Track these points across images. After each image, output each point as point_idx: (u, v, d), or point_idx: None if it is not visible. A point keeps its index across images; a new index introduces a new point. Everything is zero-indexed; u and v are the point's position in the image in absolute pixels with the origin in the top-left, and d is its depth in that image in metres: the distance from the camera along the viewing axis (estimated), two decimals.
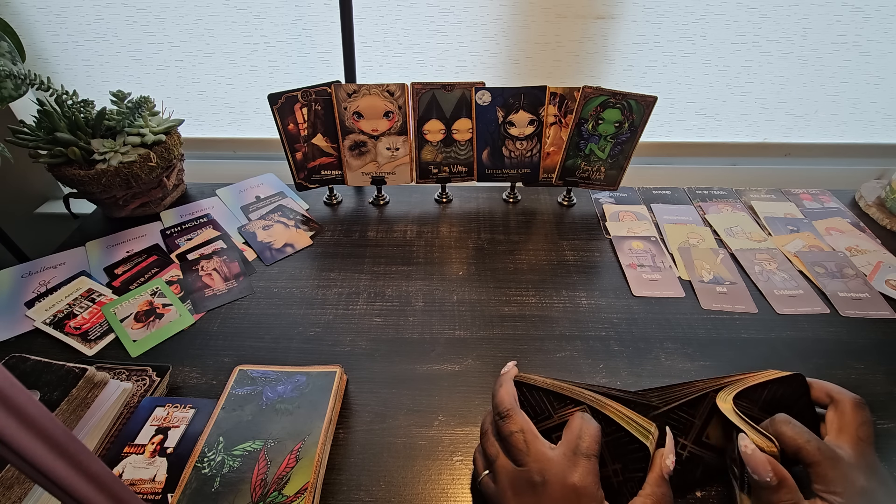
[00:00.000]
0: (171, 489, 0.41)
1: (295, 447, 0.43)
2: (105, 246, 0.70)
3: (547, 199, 0.81)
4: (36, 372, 0.45)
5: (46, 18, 0.84)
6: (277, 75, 0.90)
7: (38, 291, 0.62)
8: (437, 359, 0.55)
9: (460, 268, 0.67)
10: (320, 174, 0.75)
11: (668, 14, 0.82)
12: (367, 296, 0.63)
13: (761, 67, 0.87)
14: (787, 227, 0.74)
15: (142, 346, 0.56)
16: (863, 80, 0.88)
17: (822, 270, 0.65)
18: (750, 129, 0.95)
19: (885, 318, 0.59)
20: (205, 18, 0.84)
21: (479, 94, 0.69)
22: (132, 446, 0.44)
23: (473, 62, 0.88)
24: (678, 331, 0.58)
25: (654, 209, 0.78)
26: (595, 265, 0.68)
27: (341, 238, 0.72)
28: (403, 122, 0.71)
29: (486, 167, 0.76)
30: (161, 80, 0.91)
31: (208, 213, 0.76)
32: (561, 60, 0.87)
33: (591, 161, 0.73)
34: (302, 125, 0.70)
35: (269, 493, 0.40)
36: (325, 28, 0.84)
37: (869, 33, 0.83)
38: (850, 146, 0.96)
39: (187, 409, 0.47)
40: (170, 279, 0.64)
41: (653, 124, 0.69)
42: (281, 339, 0.57)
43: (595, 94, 0.67)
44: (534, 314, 0.60)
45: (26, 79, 0.61)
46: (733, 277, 0.65)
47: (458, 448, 0.46)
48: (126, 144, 0.69)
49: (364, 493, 0.43)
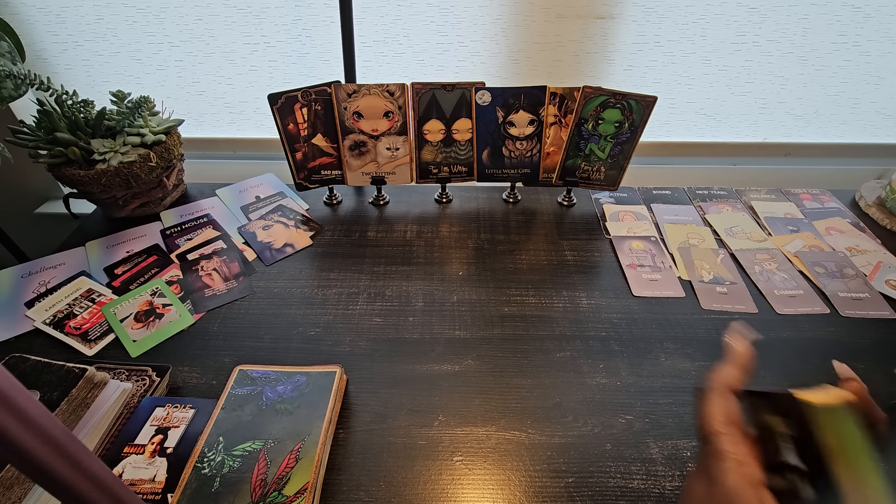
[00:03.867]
0: (170, 489, 0.41)
1: (295, 447, 0.43)
2: (105, 246, 0.70)
3: (547, 199, 0.81)
4: (36, 372, 0.45)
5: (46, 18, 0.84)
6: (277, 75, 0.90)
7: (38, 291, 0.62)
8: (437, 359, 0.55)
9: (460, 268, 0.67)
10: (320, 174, 0.75)
11: (668, 14, 0.82)
12: (367, 296, 0.63)
13: (761, 67, 0.87)
14: (787, 227, 0.74)
15: (142, 346, 0.56)
16: (863, 80, 0.88)
17: (822, 270, 0.65)
18: (750, 129, 0.95)
19: (885, 318, 0.59)
20: (205, 18, 0.84)
21: (479, 94, 0.69)
22: (132, 446, 0.44)
23: (473, 62, 0.88)
24: (678, 331, 0.58)
25: (654, 209, 0.78)
26: (595, 265, 0.68)
27: (341, 238, 0.72)
28: (403, 122, 0.71)
29: (486, 167, 0.75)
30: (161, 80, 0.91)
31: (208, 213, 0.76)
32: (561, 60, 0.87)
33: (591, 161, 0.73)
34: (302, 125, 0.70)
35: (269, 494, 0.40)
36: (325, 28, 0.84)
37: (869, 33, 0.83)
38: (850, 146, 0.96)
39: (187, 409, 0.47)
40: (170, 279, 0.64)
41: (653, 124, 0.69)
42: (281, 339, 0.57)
43: (595, 94, 0.67)
44: (534, 314, 0.60)
45: (26, 79, 0.61)
46: (733, 277, 0.65)
47: (458, 448, 0.46)
48: (126, 144, 0.69)
49: (364, 493, 0.43)
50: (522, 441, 0.47)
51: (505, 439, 0.47)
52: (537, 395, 0.51)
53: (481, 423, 0.48)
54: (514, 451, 0.46)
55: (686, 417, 0.49)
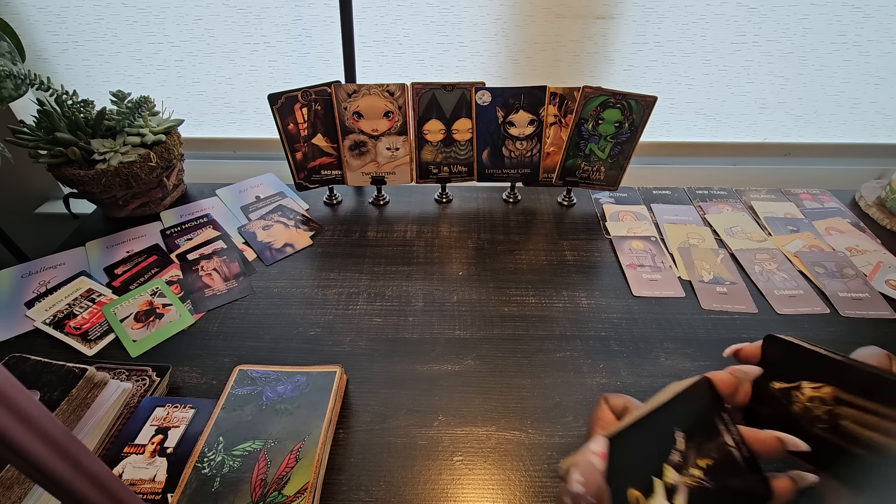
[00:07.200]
0: (170, 489, 0.41)
1: (295, 447, 0.43)
2: (105, 246, 0.70)
3: (547, 199, 0.81)
4: (36, 372, 0.45)
5: (46, 18, 0.84)
6: (277, 75, 0.90)
7: (38, 291, 0.62)
8: (437, 359, 0.55)
9: (460, 268, 0.67)
10: (320, 174, 0.75)
11: (668, 14, 0.82)
12: (367, 296, 0.63)
13: (761, 67, 0.87)
14: (787, 227, 0.74)
15: (142, 346, 0.56)
16: (863, 80, 0.88)
17: (822, 270, 0.65)
18: (750, 129, 0.95)
19: (885, 318, 0.59)
20: (205, 18, 0.84)
21: (479, 94, 0.69)
22: (132, 446, 0.44)
23: (473, 62, 0.88)
24: (678, 331, 0.58)
25: (654, 209, 0.78)
26: (595, 265, 0.68)
27: (341, 238, 0.72)
28: (403, 122, 0.71)
29: (486, 167, 0.76)
30: (161, 80, 0.91)
31: (208, 213, 0.76)
32: (561, 60, 0.87)
33: (591, 161, 0.73)
34: (302, 125, 0.70)
35: (269, 493, 0.40)
36: (325, 28, 0.84)
37: (869, 33, 0.83)
38: (850, 146, 0.96)
39: (187, 409, 0.47)
40: (170, 279, 0.64)
41: (653, 124, 0.69)
42: (281, 339, 0.57)
43: (595, 94, 0.67)
44: (534, 314, 0.60)
45: (26, 79, 0.61)
46: (733, 277, 0.65)
47: (458, 448, 0.46)
48: (126, 144, 0.69)
49: (364, 493, 0.43)
50: (522, 441, 0.47)
51: (505, 439, 0.47)
52: (537, 395, 0.51)
53: (481, 423, 0.48)
54: (514, 451, 0.46)
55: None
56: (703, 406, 0.31)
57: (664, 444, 0.28)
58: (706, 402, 0.31)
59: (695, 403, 0.30)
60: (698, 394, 0.31)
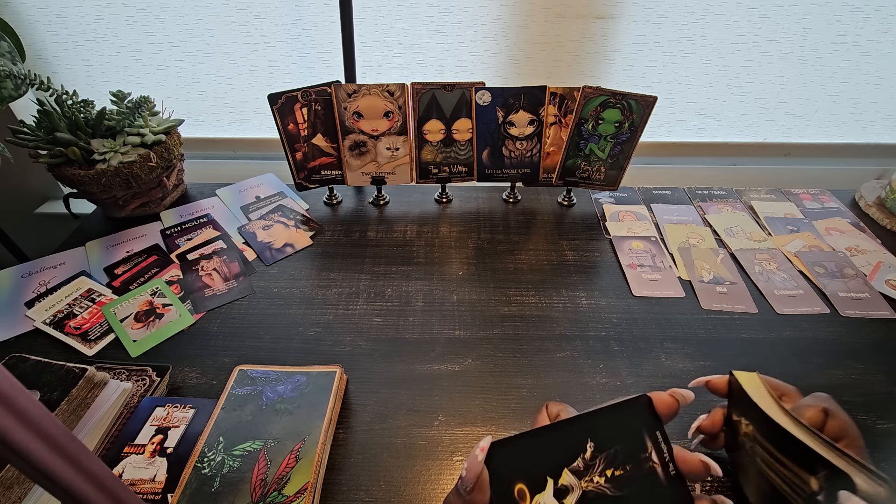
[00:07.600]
0: (171, 489, 0.41)
1: (295, 447, 0.43)
2: (105, 246, 0.70)
3: (547, 199, 0.81)
4: (36, 372, 0.45)
5: (46, 18, 0.84)
6: (277, 75, 0.90)
7: (38, 291, 0.62)
8: (437, 359, 0.55)
9: (460, 268, 0.67)
10: (320, 174, 0.75)
11: (668, 14, 0.82)
12: (367, 296, 0.63)
13: (761, 67, 0.87)
14: (787, 227, 0.74)
15: (142, 346, 0.56)
16: (863, 80, 0.88)
17: (822, 270, 0.65)
18: (750, 129, 0.95)
19: (885, 318, 0.59)
20: (205, 18, 0.84)
21: (479, 94, 0.69)
22: (132, 446, 0.44)
23: (473, 62, 0.88)
24: (678, 331, 0.58)
25: (654, 209, 0.78)
26: (595, 265, 0.68)
27: (341, 238, 0.72)
28: (403, 122, 0.71)
29: (486, 167, 0.76)
30: (161, 80, 0.91)
31: (208, 213, 0.76)
32: (561, 60, 0.87)
33: (591, 161, 0.73)
34: (302, 125, 0.70)
35: (269, 493, 0.40)
36: (325, 28, 0.84)
37: (869, 33, 0.83)
38: (850, 146, 0.96)
39: (187, 409, 0.47)
40: (170, 279, 0.64)
41: (653, 124, 0.69)
42: (281, 339, 0.57)
43: (595, 94, 0.67)
44: (534, 314, 0.60)
45: (26, 79, 0.61)
46: (733, 277, 0.65)
47: (458, 448, 0.46)
48: (126, 144, 0.69)
49: (364, 493, 0.43)
50: None
51: None
52: (537, 395, 0.51)
53: (481, 423, 0.48)
54: None
55: (685, 418, 0.48)
56: (634, 422, 0.32)
57: (573, 451, 0.31)
58: (639, 418, 0.33)
59: (624, 419, 0.32)
60: (633, 410, 0.33)
